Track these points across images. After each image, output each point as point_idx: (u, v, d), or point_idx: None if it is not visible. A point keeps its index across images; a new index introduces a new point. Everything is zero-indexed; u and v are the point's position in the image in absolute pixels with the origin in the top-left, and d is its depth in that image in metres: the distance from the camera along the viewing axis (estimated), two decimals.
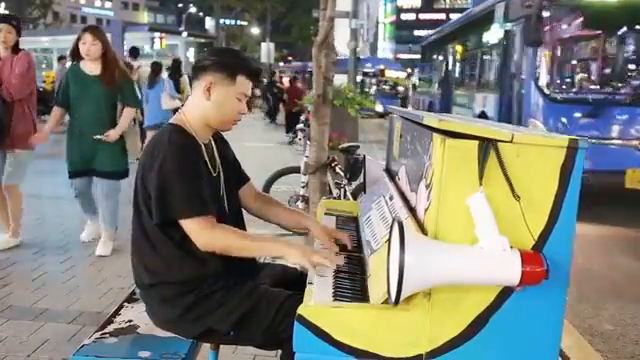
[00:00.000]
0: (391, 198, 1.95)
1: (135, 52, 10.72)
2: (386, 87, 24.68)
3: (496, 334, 1.42)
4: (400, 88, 24.93)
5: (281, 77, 19.05)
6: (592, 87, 6.68)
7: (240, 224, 2.00)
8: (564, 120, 6.18)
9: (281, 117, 16.81)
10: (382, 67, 26.29)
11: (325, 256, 1.74)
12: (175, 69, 9.67)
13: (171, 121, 1.90)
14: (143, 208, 1.81)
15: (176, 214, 1.74)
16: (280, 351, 1.83)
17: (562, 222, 1.40)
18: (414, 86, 17.73)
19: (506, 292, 1.41)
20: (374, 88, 24.16)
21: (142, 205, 1.82)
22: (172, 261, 1.81)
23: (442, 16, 77.42)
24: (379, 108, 19.59)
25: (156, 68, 8.35)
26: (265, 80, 18.71)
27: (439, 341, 1.41)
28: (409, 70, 27.25)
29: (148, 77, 8.36)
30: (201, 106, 1.86)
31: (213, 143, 1.97)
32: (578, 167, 1.39)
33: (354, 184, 4.78)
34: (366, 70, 25.55)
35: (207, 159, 1.88)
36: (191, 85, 1.94)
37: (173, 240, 1.79)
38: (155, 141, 1.83)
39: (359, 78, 25.18)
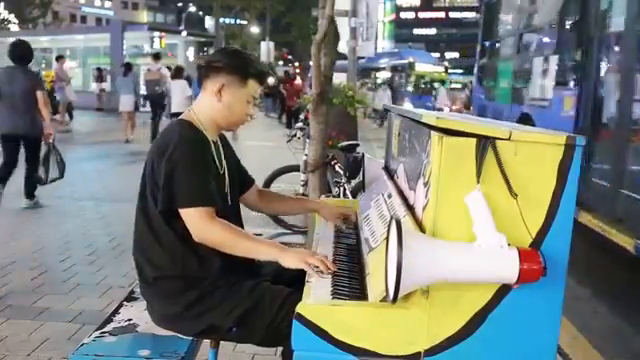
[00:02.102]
0: (390, 196, 1.95)
1: (157, 56, 12.43)
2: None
3: (494, 332, 1.42)
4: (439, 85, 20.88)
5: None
6: None
7: (239, 224, 2.01)
8: None
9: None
10: (411, 60, 22.60)
11: (321, 259, 1.74)
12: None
13: (181, 117, 1.92)
14: (150, 200, 1.82)
15: (178, 202, 1.75)
16: (280, 349, 1.84)
17: (560, 220, 1.40)
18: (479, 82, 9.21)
19: (504, 290, 1.41)
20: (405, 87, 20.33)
21: (150, 197, 1.83)
22: (176, 255, 1.81)
23: (442, 14, 77.58)
24: None
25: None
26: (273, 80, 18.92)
27: (437, 339, 1.42)
28: (446, 64, 24.46)
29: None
30: (211, 106, 1.89)
31: (220, 143, 1.99)
32: (576, 164, 1.39)
33: (353, 182, 4.78)
34: (394, 63, 22.49)
35: (215, 156, 1.90)
36: (199, 83, 1.96)
37: (177, 233, 1.80)
38: (165, 134, 1.85)
39: (388, 74, 23.16)
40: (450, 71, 29.82)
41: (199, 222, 1.75)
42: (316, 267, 1.72)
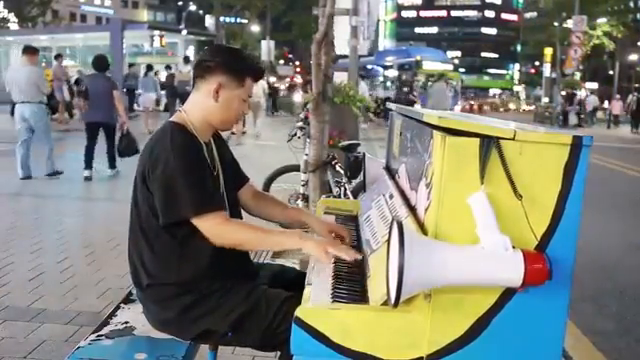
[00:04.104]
0: (391, 197, 1.92)
1: (187, 59, 14.01)
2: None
3: (498, 336, 1.39)
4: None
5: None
6: None
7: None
8: None
9: None
10: (418, 57, 21.51)
11: (341, 249, 1.72)
12: None
13: (172, 119, 1.87)
14: (143, 207, 1.79)
15: (187, 213, 1.71)
16: (279, 353, 1.81)
17: (566, 222, 1.37)
18: None
19: (508, 293, 1.38)
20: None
21: (142, 203, 1.79)
22: (170, 261, 1.78)
23: (443, 13, 77.61)
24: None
25: None
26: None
27: (440, 343, 1.38)
28: (456, 61, 23.60)
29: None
30: (205, 106, 1.84)
31: (212, 142, 1.95)
32: (582, 165, 1.36)
33: (354, 182, 4.74)
34: (401, 61, 21.66)
35: (208, 158, 1.85)
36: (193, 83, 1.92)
37: (173, 240, 1.77)
38: (156, 140, 1.80)
39: (395, 73, 22.63)
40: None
41: (216, 227, 1.73)
42: (336, 256, 1.70)
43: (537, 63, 52.88)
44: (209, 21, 32.92)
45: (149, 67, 13.92)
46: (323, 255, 1.70)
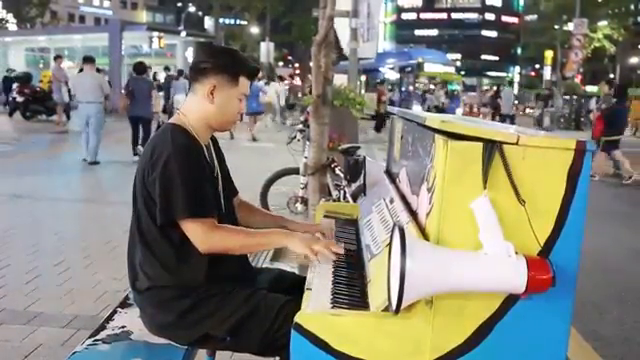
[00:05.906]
0: (392, 201, 1.90)
1: None
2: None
3: (501, 343, 1.37)
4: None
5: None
6: None
7: (235, 224, 1.96)
8: None
9: None
10: (420, 60, 21.08)
11: (326, 245, 1.75)
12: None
13: (171, 121, 1.86)
14: (142, 209, 1.77)
15: (177, 215, 1.70)
16: (278, 358, 1.79)
17: (569, 227, 1.35)
18: None
19: (511, 300, 1.36)
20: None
21: (141, 205, 1.78)
22: (169, 264, 1.76)
23: (444, 15, 77.59)
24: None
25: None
26: None
27: (442, 350, 1.37)
28: (458, 64, 23.42)
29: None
30: (203, 109, 1.83)
31: (212, 144, 1.94)
32: (586, 170, 1.34)
33: (354, 186, 4.73)
34: (402, 63, 21.31)
35: (208, 159, 1.85)
36: (190, 85, 1.90)
37: (172, 242, 1.75)
38: (156, 141, 1.79)
39: (397, 75, 22.30)
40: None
41: (202, 234, 1.71)
42: (321, 253, 1.73)
43: (537, 66, 52.84)
44: (208, 22, 32.98)
45: (180, 72, 15.16)
46: (308, 252, 1.75)
